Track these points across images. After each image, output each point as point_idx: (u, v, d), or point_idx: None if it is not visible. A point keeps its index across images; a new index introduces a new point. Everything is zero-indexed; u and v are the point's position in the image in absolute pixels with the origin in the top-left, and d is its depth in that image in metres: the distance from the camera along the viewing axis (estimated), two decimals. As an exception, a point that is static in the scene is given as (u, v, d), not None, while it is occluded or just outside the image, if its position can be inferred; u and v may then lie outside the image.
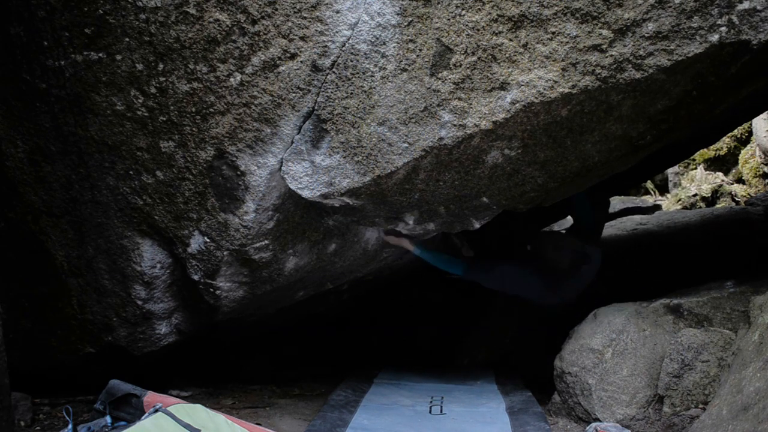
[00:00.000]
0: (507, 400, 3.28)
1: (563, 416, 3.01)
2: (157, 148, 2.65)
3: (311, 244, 2.96)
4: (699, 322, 2.85)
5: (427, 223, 2.96)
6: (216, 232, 2.73)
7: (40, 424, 2.86)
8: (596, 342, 2.95)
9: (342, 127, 2.50)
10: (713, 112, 2.69)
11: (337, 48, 2.42)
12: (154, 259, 2.85)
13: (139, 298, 2.91)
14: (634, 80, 2.30)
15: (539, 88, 2.33)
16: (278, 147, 2.56)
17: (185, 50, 2.49)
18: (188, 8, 2.44)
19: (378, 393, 3.41)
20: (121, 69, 2.56)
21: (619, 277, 4.67)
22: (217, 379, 3.64)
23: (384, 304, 4.96)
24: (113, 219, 2.79)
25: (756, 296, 2.65)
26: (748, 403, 2.02)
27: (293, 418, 3.06)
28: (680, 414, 2.56)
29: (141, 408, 2.28)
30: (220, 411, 2.31)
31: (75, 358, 3.10)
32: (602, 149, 2.62)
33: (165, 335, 3.08)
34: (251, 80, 2.48)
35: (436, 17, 2.35)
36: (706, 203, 8.23)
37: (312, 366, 4.23)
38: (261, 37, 2.43)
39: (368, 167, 2.53)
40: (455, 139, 2.46)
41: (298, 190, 2.60)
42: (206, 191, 2.68)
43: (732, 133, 8.75)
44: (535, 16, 2.28)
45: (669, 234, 5.59)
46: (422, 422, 2.92)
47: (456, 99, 2.41)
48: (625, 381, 2.79)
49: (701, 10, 2.19)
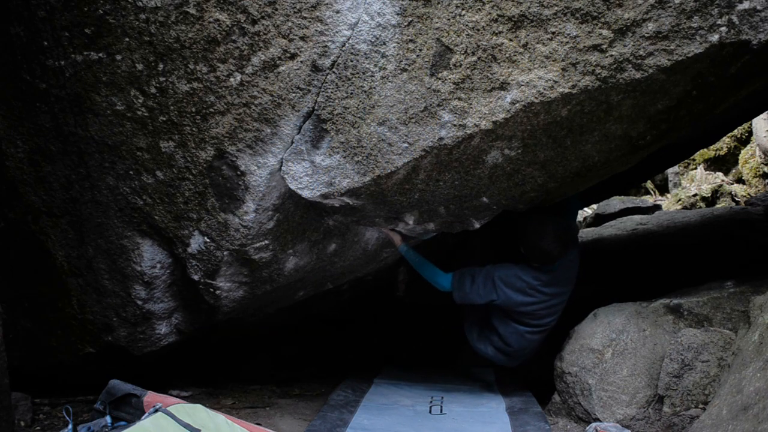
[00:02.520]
0: (507, 400, 3.28)
1: (563, 416, 3.01)
2: (157, 148, 2.65)
3: (311, 244, 2.96)
4: (699, 322, 2.85)
5: (427, 223, 2.96)
6: (216, 232, 2.74)
7: (40, 424, 2.86)
8: (596, 342, 2.95)
9: (342, 127, 2.50)
10: (713, 112, 2.69)
11: (337, 48, 2.42)
12: (154, 259, 2.85)
13: (139, 298, 2.91)
14: (634, 80, 2.30)
15: (539, 88, 2.33)
16: (278, 147, 2.56)
17: (185, 50, 2.49)
18: (188, 8, 2.44)
19: (378, 393, 3.41)
20: (121, 69, 2.56)
21: (619, 277, 4.67)
22: (217, 379, 3.65)
23: (384, 304, 4.96)
24: (113, 219, 2.79)
25: (756, 296, 2.65)
26: (748, 403, 2.02)
27: (293, 418, 3.06)
28: (680, 414, 2.56)
29: (141, 408, 2.28)
30: (220, 411, 2.31)
31: (75, 358, 3.10)
32: (602, 149, 2.62)
33: (165, 335, 3.08)
34: (251, 80, 2.48)
35: (436, 17, 2.35)
36: (706, 203, 8.23)
37: (312, 366, 4.23)
38: (261, 37, 2.43)
39: (368, 167, 2.53)
40: (455, 139, 2.46)
41: (298, 190, 2.60)
42: (206, 191, 2.68)
43: (732, 133, 8.76)
44: (535, 16, 2.28)
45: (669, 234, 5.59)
46: (422, 422, 2.92)
47: (456, 99, 2.41)
48: (625, 381, 2.79)
49: (701, 10, 2.19)
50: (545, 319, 3.37)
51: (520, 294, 3.25)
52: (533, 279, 3.25)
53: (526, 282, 3.24)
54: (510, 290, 3.25)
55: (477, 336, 3.60)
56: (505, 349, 3.49)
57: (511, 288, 3.25)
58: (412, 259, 3.29)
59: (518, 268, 3.29)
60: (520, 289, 3.25)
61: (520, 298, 3.26)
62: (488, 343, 3.54)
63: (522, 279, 3.25)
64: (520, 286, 3.25)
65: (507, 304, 3.29)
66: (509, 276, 3.25)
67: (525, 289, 3.25)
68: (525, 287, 3.25)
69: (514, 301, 3.27)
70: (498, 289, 3.24)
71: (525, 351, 3.50)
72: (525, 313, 3.33)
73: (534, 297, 3.27)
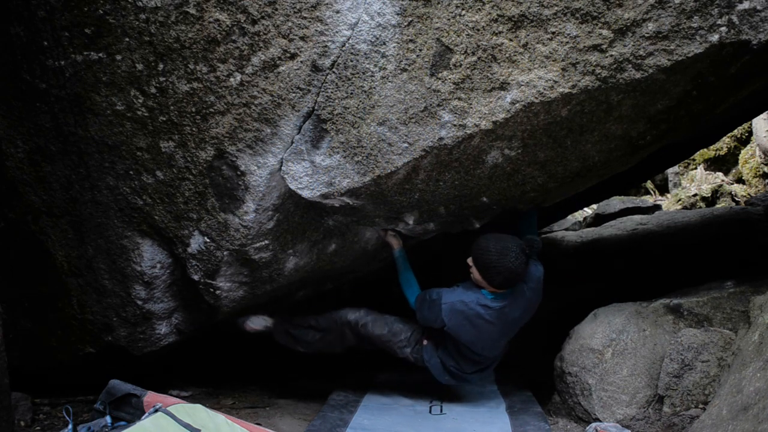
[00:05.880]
0: (507, 400, 3.28)
1: (563, 416, 3.01)
2: (157, 148, 2.65)
3: (311, 244, 2.96)
4: (699, 322, 2.85)
5: (427, 223, 2.96)
6: (216, 232, 2.74)
7: (40, 424, 2.86)
8: (596, 342, 2.95)
9: (342, 127, 2.50)
10: (713, 112, 2.69)
11: (337, 48, 2.42)
12: (154, 259, 2.85)
13: (139, 298, 2.91)
14: (634, 80, 2.30)
15: (539, 88, 2.33)
16: (278, 147, 2.56)
17: (185, 50, 2.49)
18: (188, 8, 2.44)
19: (378, 393, 3.41)
20: (121, 69, 2.56)
21: (619, 277, 4.67)
22: (217, 379, 3.65)
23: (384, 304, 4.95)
24: (113, 219, 2.79)
25: (756, 296, 2.65)
26: (748, 403, 2.02)
27: (293, 418, 3.06)
28: (680, 414, 2.56)
29: (141, 408, 2.28)
30: (220, 411, 2.31)
31: (75, 358, 3.10)
32: (602, 149, 2.62)
33: (165, 335, 3.08)
34: (251, 80, 2.48)
35: (436, 17, 2.35)
36: (706, 203, 8.23)
37: (312, 366, 4.23)
38: (261, 37, 2.43)
39: (368, 167, 2.53)
40: (455, 139, 2.46)
41: (298, 190, 2.60)
42: (206, 191, 2.68)
43: (732, 133, 8.76)
44: (535, 16, 2.28)
45: (669, 234, 5.58)
46: (422, 422, 2.92)
47: (456, 99, 2.41)
48: (625, 381, 2.79)
49: (701, 10, 2.19)
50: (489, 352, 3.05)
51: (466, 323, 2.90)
52: (482, 306, 2.90)
53: (473, 309, 2.89)
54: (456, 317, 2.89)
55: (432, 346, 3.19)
56: (451, 369, 3.13)
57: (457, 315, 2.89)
58: (400, 267, 3.15)
59: (464, 290, 2.96)
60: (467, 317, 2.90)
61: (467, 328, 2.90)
62: (435, 355, 3.16)
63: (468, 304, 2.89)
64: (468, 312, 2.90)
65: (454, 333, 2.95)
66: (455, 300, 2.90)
67: (471, 318, 2.90)
68: (473, 315, 2.90)
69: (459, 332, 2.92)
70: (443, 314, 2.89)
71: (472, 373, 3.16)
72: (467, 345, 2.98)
73: (481, 327, 2.92)
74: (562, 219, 7.00)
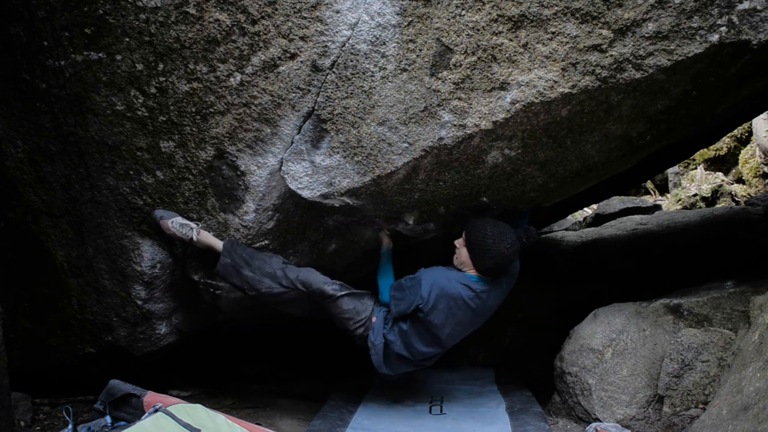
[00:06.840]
0: (507, 400, 3.27)
1: (563, 416, 3.00)
2: (157, 148, 2.65)
3: (311, 244, 2.96)
4: (699, 322, 2.85)
5: (427, 223, 2.96)
6: (216, 232, 2.74)
7: (40, 424, 2.86)
8: (596, 342, 2.95)
9: (342, 127, 2.50)
10: (713, 112, 2.69)
11: (337, 48, 2.42)
12: (154, 259, 2.85)
13: (139, 298, 2.91)
14: (634, 80, 2.30)
15: (539, 88, 2.33)
16: (278, 147, 2.56)
17: (185, 50, 2.49)
18: (188, 8, 2.44)
19: (378, 393, 3.41)
20: (121, 69, 2.56)
21: (619, 277, 4.67)
22: (217, 379, 3.65)
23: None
24: (113, 219, 2.79)
25: (756, 296, 2.65)
26: (748, 403, 2.02)
27: (293, 418, 3.06)
28: (680, 414, 2.56)
29: (141, 408, 2.28)
30: (220, 411, 2.31)
31: (75, 358, 3.10)
32: (602, 149, 2.62)
33: (165, 335, 3.08)
34: (251, 80, 2.48)
35: (436, 17, 2.35)
36: (706, 203, 8.22)
37: (312, 366, 4.23)
38: (261, 37, 2.43)
39: (368, 167, 2.53)
40: (455, 139, 2.46)
41: (298, 190, 2.60)
42: (206, 191, 2.68)
43: (732, 133, 8.76)
44: (535, 16, 2.28)
45: (669, 234, 5.58)
46: (422, 422, 2.92)
47: (456, 99, 2.41)
48: (625, 381, 2.79)
49: (701, 10, 2.19)
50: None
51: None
52: (464, 286, 2.79)
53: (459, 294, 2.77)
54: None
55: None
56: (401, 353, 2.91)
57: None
58: (382, 260, 3.02)
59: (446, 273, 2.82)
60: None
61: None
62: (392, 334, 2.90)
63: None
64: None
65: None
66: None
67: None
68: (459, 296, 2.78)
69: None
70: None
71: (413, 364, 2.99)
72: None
73: (456, 309, 2.80)
74: (562, 219, 7.00)
